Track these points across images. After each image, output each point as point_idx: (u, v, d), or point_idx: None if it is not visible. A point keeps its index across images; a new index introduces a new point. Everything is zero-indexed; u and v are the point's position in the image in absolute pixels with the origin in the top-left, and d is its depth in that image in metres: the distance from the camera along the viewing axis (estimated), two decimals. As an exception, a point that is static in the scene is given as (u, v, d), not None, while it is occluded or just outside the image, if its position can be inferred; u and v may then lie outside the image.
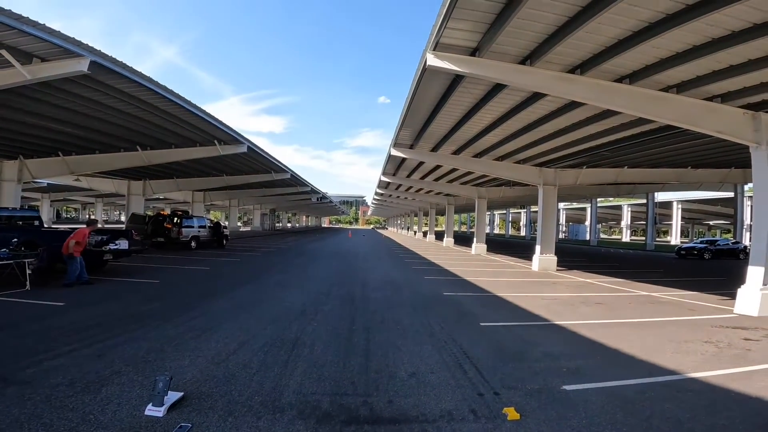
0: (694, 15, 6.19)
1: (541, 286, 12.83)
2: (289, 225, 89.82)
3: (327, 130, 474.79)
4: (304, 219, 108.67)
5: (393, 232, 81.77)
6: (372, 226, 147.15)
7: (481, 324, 7.51)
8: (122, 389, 4.17)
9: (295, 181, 35.09)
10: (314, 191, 46.75)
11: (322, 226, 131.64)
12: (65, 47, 7.99)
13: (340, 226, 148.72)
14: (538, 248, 17.46)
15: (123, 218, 26.91)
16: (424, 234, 52.60)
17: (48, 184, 35.18)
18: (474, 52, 8.02)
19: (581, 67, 8.23)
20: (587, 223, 59.85)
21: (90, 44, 8.25)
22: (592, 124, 11.70)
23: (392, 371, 4.97)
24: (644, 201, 44.46)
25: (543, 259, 17.21)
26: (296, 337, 6.14)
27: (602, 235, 70.85)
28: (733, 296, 9.47)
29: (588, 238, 52.73)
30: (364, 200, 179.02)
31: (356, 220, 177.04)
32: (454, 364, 5.33)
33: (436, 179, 28.14)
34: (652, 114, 8.75)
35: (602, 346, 6.45)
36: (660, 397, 4.51)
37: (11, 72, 8.38)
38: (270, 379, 4.56)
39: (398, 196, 44.85)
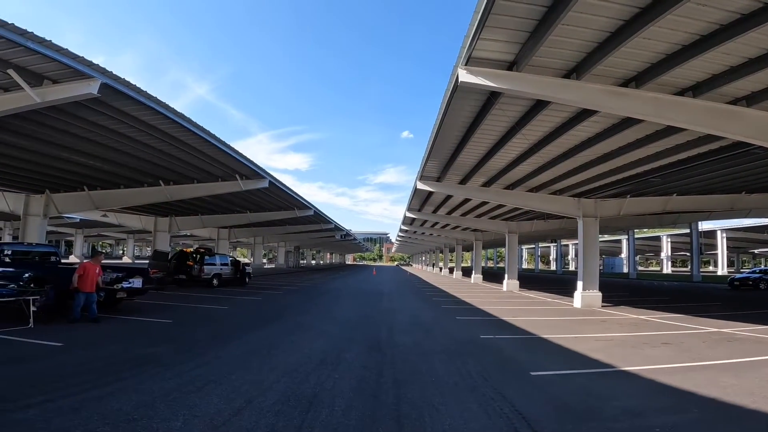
0: (776, 12, 5.29)
1: (589, 326, 11.53)
2: (313, 262, 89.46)
3: (350, 166, 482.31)
4: (328, 256, 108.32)
5: (418, 269, 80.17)
6: (396, 263, 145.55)
7: (532, 374, 6.34)
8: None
9: (319, 218, 34.74)
10: (338, 228, 46.31)
11: (346, 263, 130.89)
12: (75, 67, 7.59)
13: (364, 263, 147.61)
14: (580, 284, 16.09)
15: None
16: (450, 270, 51.05)
17: (81, 219, 36.13)
18: (511, 66, 7.29)
19: (636, 80, 7.34)
20: (623, 255, 58.28)
21: (100, 64, 7.87)
22: (641, 148, 10.63)
23: (432, 443, 3.90)
24: (685, 231, 43.02)
25: (586, 296, 15.83)
26: (314, 393, 5.13)
27: (639, 268, 67.44)
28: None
29: (626, 270, 50.97)
30: (388, 237, 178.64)
31: (380, 257, 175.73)
32: (509, 429, 4.21)
33: (464, 214, 27.15)
34: (722, 130, 7.67)
35: (693, 396, 5.27)
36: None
37: (21, 95, 8.05)
38: (277, 454, 3.57)
39: (423, 233, 43.93)
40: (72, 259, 45.37)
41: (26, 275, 10.03)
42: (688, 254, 46.62)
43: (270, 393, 5.08)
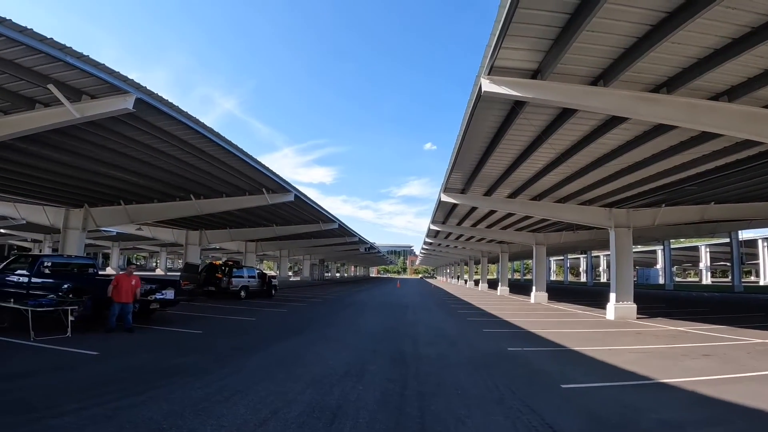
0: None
1: (624, 337, 11.16)
2: (337, 275, 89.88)
3: (374, 179, 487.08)
4: (353, 269, 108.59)
5: (442, 282, 79.31)
6: (420, 275, 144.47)
7: (563, 386, 6.16)
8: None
9: (343, 231, 34.96)
10: (362, 241, 46.48)
11: (371, 275, 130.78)
12: (112, 83, 7.78)
13: (388, 275, 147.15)
14: (612, 295, 15.64)
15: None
16: (476, 283, 50.25)
17: (117, 233, 37.59)
18: (535, 74, 7.22)
19: (667, 85, 7.13)
20: (659, 266, 56.93)
21: (135, 79, 8.09)
22: (675, 155, 10.26)
23: (458, 458, 3.80)
24: (724, 240, 41.81)
25: (620, 307, 15.36)
26: (338, 405, 5.11)
27: (676, 279, 64.81)
28: None
29: (662, 281, 49.55)
30: (412, 250, 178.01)
31: (404, 269, 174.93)
32: (539, 445, 4.08)
33: (489, 226, 26.80)
34: (760, 135, 7.30)
35: (737, 407, 5.03)
36: None
37: (61, 110, 8.29)
38: (301, 466, 3.56)
39: (448, 245, 43.48)
40: (109, 270, 47.21)
41: (65, 286, 10.48)
42: (728, 264, 44.77)
43: (295, 404, 5.08)
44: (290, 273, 62.67)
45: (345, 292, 34.21)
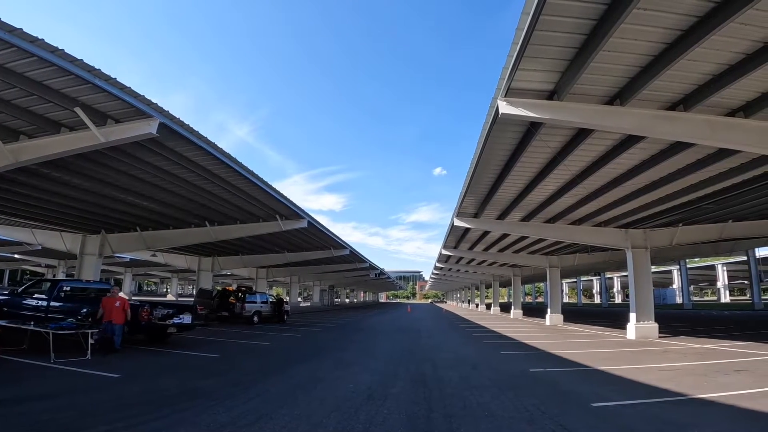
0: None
1: (649, 356, 10.95)
2: (347, 300, 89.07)
3: (383, 206, 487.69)
4: (362, 295, 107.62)
5: (453, 306, 78.33)
6: (430, 300, 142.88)
7: (594, 405, 6.03)
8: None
9: (354, 257, 34.89)
10: (372, 267, 46.33)
11: (380, 301, 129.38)
12: (137, 106, 7.69)
13: (398, 300, 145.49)
14: (633, 315, 15.48)
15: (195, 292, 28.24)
16: (488, 306, 49.57)
17: (130, 259, 37.96)
18: (552, 95, 7.34)
19: (683, 103, 7.22)
20: (675, 286, 56.76)
21: (159, 104, 7.96)
22: (692, 174, 10.24)
23: (496, 482, 3.68)
24: (742, 258, 42.22)
25: (641, 327, 15.20)
26: (365, 429, 5.00)
27: (693, 298, 63.63)
28: None
29: (679, 301, 49.71)
30: (421, 275, 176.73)
31: (414, 294, 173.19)
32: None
33: (501, 250, 26.63)
34: (780, 150, 7.34)
35: None
36: None
37: (87, 134, 8.13)
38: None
39: (459, 270, 43.16)
40: (121, 296, 47.27)
41: (84, 310, 10.56)
42: (746, 282, 43.88)
43: (322, 428, 4.99)
44: (300, 299, 62.29)
45: (357, 317, 33.82)
